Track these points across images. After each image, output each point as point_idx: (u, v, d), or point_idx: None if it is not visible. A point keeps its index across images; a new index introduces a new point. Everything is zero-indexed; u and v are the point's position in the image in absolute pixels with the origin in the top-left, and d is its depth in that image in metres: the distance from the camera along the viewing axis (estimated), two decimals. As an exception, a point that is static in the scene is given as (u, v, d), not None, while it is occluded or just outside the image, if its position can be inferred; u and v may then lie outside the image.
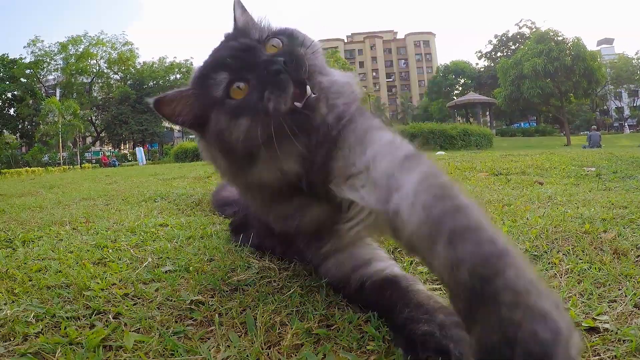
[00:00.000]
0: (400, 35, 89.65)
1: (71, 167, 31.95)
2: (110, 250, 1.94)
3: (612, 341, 0.97)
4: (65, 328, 1.13)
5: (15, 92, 46.37)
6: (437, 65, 74.50)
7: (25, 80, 47.13)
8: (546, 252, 1.62)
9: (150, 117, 48.07)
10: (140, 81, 51.52)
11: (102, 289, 1.40)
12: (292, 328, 1.07)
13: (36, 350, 1.02)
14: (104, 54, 50.52)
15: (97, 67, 50.92)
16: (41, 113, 42.09)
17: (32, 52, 47.88)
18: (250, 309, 1.22)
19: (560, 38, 35.29)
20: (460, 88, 62.80)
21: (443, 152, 10.32)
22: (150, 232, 2.31)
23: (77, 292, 1.37)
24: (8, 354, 1.03)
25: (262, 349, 0.99)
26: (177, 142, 48.48)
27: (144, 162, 30.18)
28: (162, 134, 51.24)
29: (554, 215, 2.20)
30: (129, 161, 42.39)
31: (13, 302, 1.33)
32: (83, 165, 33.50)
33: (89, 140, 53.47)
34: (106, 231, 2.41)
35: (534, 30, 47.60)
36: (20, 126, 48.04)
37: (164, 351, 1.01)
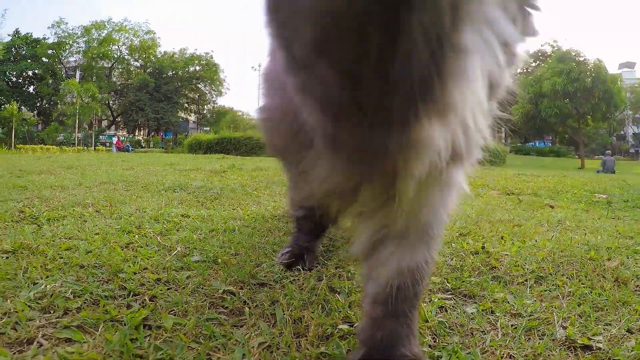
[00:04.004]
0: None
1: (85, 148, 32.25)
2: (137, 236, 2.01)
3: (603, 359, 1.04)
4: (104, 306, 1.21)
5: (37, 71, 46.93)
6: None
7: (47, 60, 47.68)
8: (551, 275, 1.69)
9: (166, 106, 48.41)
10: (159, 70, 51.79)
11: (135, 273, 1.48)
12: (318, 322, 1.15)
13: (79, 324, 1.10)
14: (126, 40, 50.86)
15: (119, 53, 51.23)
16: (60, 93, 42.59)
17: (55, 33, 48.44)
18: (279, 302, 1.29)
19: (581, 59, 35.03)
20: (477, 102, 62.65)
21: None
22: (173, 222, 2.38)
23: (111, 273, 1.46)
24: (50, 325, 1.10)
25: (292, 338, 1.06)
26: (192, 132, 48.71)
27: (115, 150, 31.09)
28: (177, 123, 51.52)
29: (561, 239, 2.26)
30: (142, 147, 42.71)
31: (48, 277, 1.41)
32: (97, 147, 33.77)
33: (104, 123, 53.82)
34: (129, 216, 2.48)
35: (556, 49, 47.32)
36: (38, 104, 48.61)
37: (200, 334, 1.08)
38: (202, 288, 1.38)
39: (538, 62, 53.30)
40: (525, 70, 54.23)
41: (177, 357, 0.96)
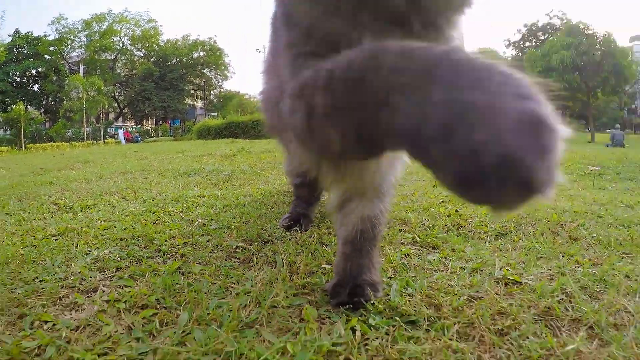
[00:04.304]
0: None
1: (94, 142, 32.60)
2: (162, 214, 2.35)
3: (528, 291, 1.33)
4: (146, 263, 1.56)
5: (40, 69, 47.09)
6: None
7: (50, 57, 47.73)
8: (511, 232, 1.97)
9: (173, 94, 48.55)
10: (163, 58, 51.82)
11: (166, 240, 1.82)
12: (306, 263, 1.51)
13: (130, 275, 1.45)
14: (127, 31, 50.84)
15: (121, 44, 51.26)
16: (65, 89, 42.77)
17: (56, 30, 48.47)
18: (279, 252, 1.65)
19: (590, 32, 34.77)
20: (487, 77, 62.24)
21: None
22: (191, 202, 2.72)
23: (147, 241, 1.81)
24: (106, 279, 1.44)
25: (287, 274, 1.42)
26: (199, 119, 48.94)
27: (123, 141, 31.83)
28: (184, 110, 51.69)
29: (534, 205, 2.53)
30: (151, 137, 43.05)
31: (98, 248, 1.75)
32: (106, 140, 34.16)
33: (111, 116, 54.20)
34: (152, 200, 2.82)
35: (565, 21, 46.86)
36: (44, 102, 48.88)
37: (220, 274, 1.44)
38: (220, 246, 1.74)
39: (547, 35, 52.93)
40: (533, 44, 53.91)
41: (204, 289, 1.30)
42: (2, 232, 2.13)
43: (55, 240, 1.93)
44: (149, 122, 55.34)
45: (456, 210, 2.29)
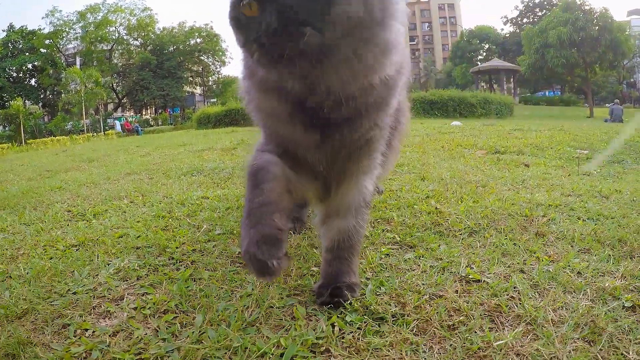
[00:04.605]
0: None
1: (94, 134, 32.67)
2: (170, 220, 2.59)
3: (485, 288, 1.56)
4: (162, 271, 1.82)
5: (36, 63, 46.91)
6: (461, 29, 73.46)
7: (45, 51, 47.57)
8: (484, 229, 2.19)
9: (171, 82, 48.48)
10: (160, 47, 51.58)
11: (177, 247, 2.08)
12: (298, 267, 1.78)
13: (150, 284, 1.70)
14: (123, 20, 50.55)
15: (117, 34, 51.01)
16: (63, 82, 42.77)
17: (50, 23, 48.35)
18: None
19: (587, 7, 34.59)
20: (484, 53, 62.10)
21: (459, 123, 10.47)
22: (196, 204, 2.94)
23: (160, 250, 2.06)
24: (130, 287, 1.70)
25: (282, 277, 1.68)
26: (199, 106, 48.89)
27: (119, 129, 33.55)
28: (183, 98, 51.61)
29: (511, 198, 2.73)
30: (151, 126, 43.09)
31: (118, 258, 2.00)
32: (107, 132, 34.26)
33: (110, 107, 54.20)
34: (159, 204, 3.04)
35: (562, -3, 46.57)
36: (42, 96, 48.81)
37: (226, 279, 1.70)
38: (225, 252, 2.00)
39: (544, 11, 52.65)
40: (530, 21, 53.59)
41: (214, 293, 1.56)
42: (25, 243, 2.36)
43: (77, 250, 2.17)
44: (149, 111, 55.32)
45: (436, 208, 2.52)
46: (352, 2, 1.03)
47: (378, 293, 1.54)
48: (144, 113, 54.34)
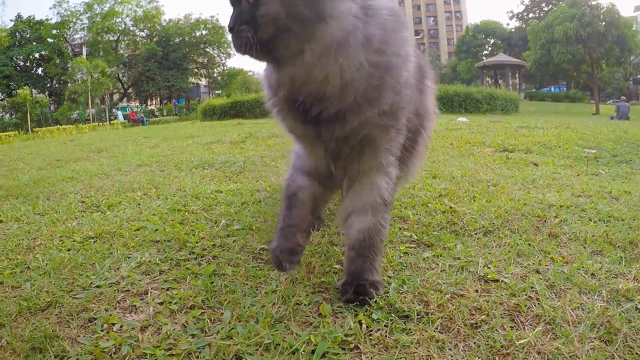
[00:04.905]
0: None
1: (100, 123, 32.83)
2: (186, 214, 2.62)
3: (503, 288, 1.59)
4: (184, 266, 1.84)
5: (43, 52, 47.25)
6: (467, 23, 73.17)
7: (52, 41, 47.94)
8: (498, 229, 2.22)
9: (176, 73, 48.68)
10: (166, 38, 51.76)
11: (197, 242, 2.10)
12: (321, 264, 1.80)
13: (174, 279, 1.73)
14: (129, 12, 50.78)
15: (123, 25, 51.24)
16: (69, 72, 42.97)
17: (58, 13, 48.77)
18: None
19: (594, 3, 34.37)
20: (489, 48, 61.88)
21: (465, 119, 10.42)
22: (210, 198, 2.97)
23: (180, 244, 2.08)
24: (153, 282, 1.72)
25: (305, 274, 1.71)
26: (204, 97, 49.00)
27: (122, 119, 34.10)
28: (188, 89, 51.74)
29: (523, 198, 2.75)
30: (156, 117, 43.23)
31: (137, 251, 2.02)
32: (112, 122, 34.38)
33: (116, 97, 54.39)
34: (174, 197, 3.07)
35: (568, -9, 46.28)
36: (49, 85, 49.10)
37: (249, 276, 1.73)
38: (245, 248, 2.03)
39: (550, 6, 52.41)
40: (536, 16, 53.34)
41: (239, 289, 1.59)
42: (41, 234, 2.40)
43: (94, 242, 2.21)
44: (154, 102, 55.46)
45: (450, 207, 2.54)
46: (272, 5, 1.21)
47: (401, 291, 1.57)
48: (149, 103, 54.52)
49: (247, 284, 1.65)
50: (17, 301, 1.57)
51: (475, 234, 2.17)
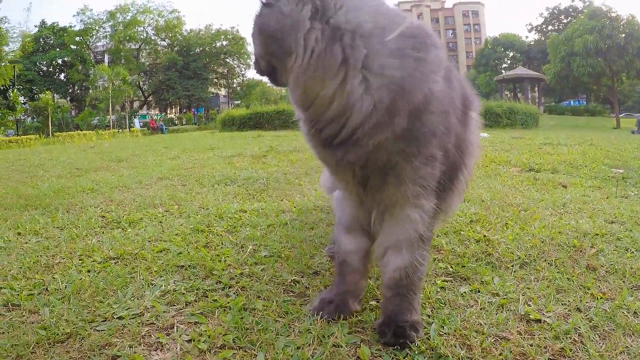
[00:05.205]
0: (448, 5, 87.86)
1: (120, 130, 33.23)
2: (210, 235, 2.57)
3: (546, 329, 1.51)
4: (211, 297, 1.77)
5: (66, 59, 48.31)
6: (485, 36, 73.00)
7: (75, 47, 49.20)
8: (534, 260, 2.13)
9: (196, 83, 49.30)
10: (187, 48, 52.56)
11: (223, 269, 2.03)
12: None
13: (201, 312, 1.65)
14: (151, 21, 51.87)
15: (145, 34, 52.23)
16: (91, 78, 43.82)
17: (81, 21, 50.13)
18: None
19: (614, 14, 34.05)
20: (508, 61, 61.62)
21: (486, 135, 10.25)
22: (234, 218, 2.92)
23: (207, 272, 2.01)
24: (179, 314, 1.65)
25: None
26: (223, 107, 49.45)
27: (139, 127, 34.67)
28: (207, 99, 52.32)
29: (556, 225, 2.67)
30: (175, 125, 43.67)
31: (162, 277, 1.96)
32: (132, 129, 34.75)
33: (136, 104, 55.08)
34: (197, 215, 3.03)
35: (587, 4, 45.94)
36: (70, 90, 50.08)
37: (281, 311, 1.64)
38: (275, 278, 1.94)
39: (570, 18, 52.05)
40: (555, 28, 53.00)
41: (271, 326, 1.51)
42: (60, 250, 2.37)
43: (115, 264, 2.16)
44: (173, 110, 56.08)
45: (484, 236, 2.46)
46: (256, 46, 1.40)
47: (442, 333, 1.49)
48: (168, 112, 55.12)
49: (279, 320, 1.57)
50: (36, 329, 1.52)
51: (512, 266, 2.08)
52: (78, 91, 50.87)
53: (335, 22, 1.25)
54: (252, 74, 59.40)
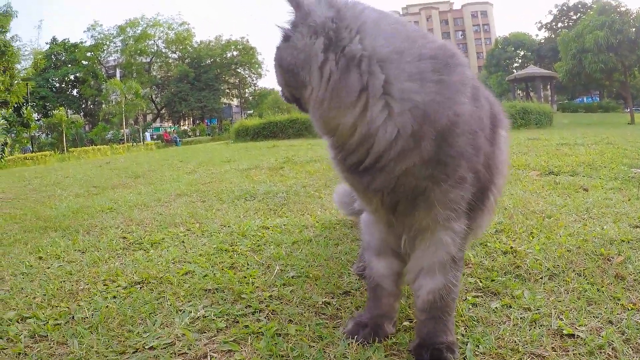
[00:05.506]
0: (457, 6, 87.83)
1: (134, 144, 33.51)
2: (235, 255, 2.57)
3: (580, 344, 1.49)
4: (243, 323, 1.76)
5: (78, 74, 48.97)
6: (495, 36, 72.75)
7: (87, 63, 49.93)
8: (563, 272, 2.11)
9: (209, 94, 49.66)
10: (198, 59, 52.96)
11: (252, 292, 2.03)
12: None
13: (234, 339, 1.64)
14: (161, 34, 52.45)
15: (155, 47, 52.77)
16: (104, 93, 44.36)
17: (92, 36, 50.90)
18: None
19: (623, 9, 33.75)
20: (519, 61, 61.34)
21: None
22: (257, 236, 2.93)
23: (235, 295, 2.01)
24: (211, 342, 1.64)
25: None
26: (236, 117, 49.75)
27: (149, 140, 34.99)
28: (220, 109, 52.65)
29: (581, 232, 2.64)
30: (189, 136, 43.95)
31: (190, 303, 1.96)
32: (146, 142, 35.02)
33: (149, 117, 55.59)
34: (219, 234, 3.04)
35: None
36: (83, 105, 50.74)
37: (315, 336, 1.64)
38: (305, 300, 1.94)
39: (579, 14, 51.70)
40: (565, 25, 52.65)
41: (305, 353, 1.50)
42: (83, 275, 2.38)
43: (140, 288, 2.16)
44: (186, 122, 56.49)
45: (511, 247, 2.45)
46: (278, 77, 1.41)
47: (477, 352, 1.48)
48: (182, 124, 55.53)
49: (313, 346, 1.56)
50: (66, 363, 1.50)
51: (541, 278, 2.06)
52: (91, 106, 51.50)
53: (350, 51, 1.24)
54: (263, 82, 59.76)
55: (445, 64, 1.27)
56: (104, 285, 2.23)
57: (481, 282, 2.04)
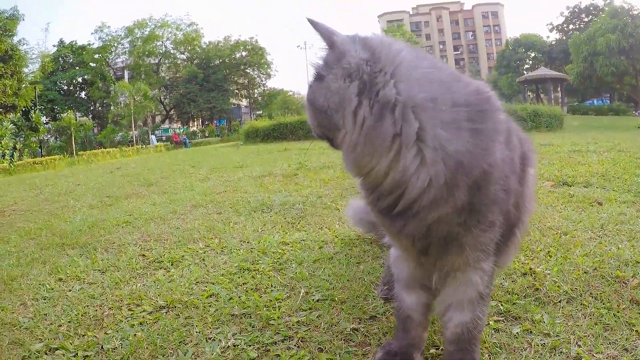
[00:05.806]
0: (467, 6, 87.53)
1: (143, 146, 33.60)
2: (258, 275, 2.62)
3: None
4: (274, 352, 1.80)
5: (86, 77, 49.11)
6: (506, 37, 72.55)
7: (95, 65, 49.95)
8: (580, 295, 2.15)
9: (217, 95, 49.70)
10: (206, 60, 52.94)
11: (279, 317, 2.08)
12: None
13: (264, 370, 1.70)
14: (169, 35, 52.43)
15: (164, 49, 52.79)
16: (112, 95, 44.44)
17: (99, 38, 50.99)
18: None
19: (635, 12, 33.63)
20: (530, 62, 61.13)
21: None
22: (278, 253, 2.97)
23: (264, 322, 2.04)
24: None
25: None
26: (245, 118, 49.85)
27: (155, 143, 34.99)
28: (229, 110, 52.68)
29: (598, 253, 2.67)
30: (198, 137, 44.04)
31: (218, 330, 2.00)
32: (156, 145, 35.11)
33: (158, 119, 55.73)
34: (239, 251, 3.08)
35: (608, 2, 45.40)
36: (92, 108, 50.85)
37: None
38: (333, 326, 1.98)
39: (591, 16, 51.46)
40: (576, 27, 52.38)
41: (338, 384, 1.56)
42: (106, 299, 2.41)
43: (166, 313, 2.20)
44: (195, 123, 56.55)
45: (530, 268, 2.49)
46: (310, 118, 1.41)
47: (502, 382, 1.53)
48: (191, 125, 55.62)
49: (343, 376, 1.62)
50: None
51: (559, 301, 2.11)
52: (100, 108, 51.61)
53: (384, 96, 1.22)
54: (272, 83, 59.77)
55: (479, 110, 1.27)
56: (128, 310, 2.26)
57: (502, 305, 2.09)
